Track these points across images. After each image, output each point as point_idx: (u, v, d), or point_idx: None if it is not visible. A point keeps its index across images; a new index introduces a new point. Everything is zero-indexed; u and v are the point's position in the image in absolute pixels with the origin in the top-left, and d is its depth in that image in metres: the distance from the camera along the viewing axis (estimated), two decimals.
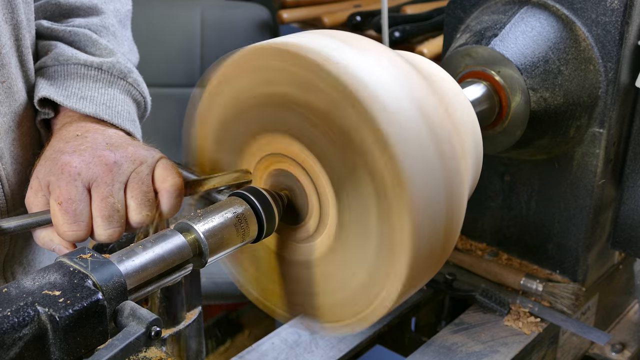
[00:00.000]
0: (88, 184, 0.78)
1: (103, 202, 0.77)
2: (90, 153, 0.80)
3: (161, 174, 0.80)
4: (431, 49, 2.12)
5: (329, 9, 2.50)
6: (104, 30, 0.99)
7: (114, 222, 0.78)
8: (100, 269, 0.64)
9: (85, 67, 0.91)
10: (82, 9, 0.99)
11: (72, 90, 0.90)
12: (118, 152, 0.81)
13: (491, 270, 1.22)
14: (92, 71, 0.91)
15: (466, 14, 1.16)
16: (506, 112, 1.07)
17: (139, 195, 0.79)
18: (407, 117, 0.71)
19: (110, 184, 0.78)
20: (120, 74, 0.93)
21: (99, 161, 0.79)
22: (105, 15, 1.01)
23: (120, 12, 1.04)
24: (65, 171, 0.78)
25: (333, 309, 0.83)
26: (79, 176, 0.78)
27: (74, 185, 0.77)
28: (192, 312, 0.93)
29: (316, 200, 0.79)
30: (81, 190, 0.78)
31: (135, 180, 0.79)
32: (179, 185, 0.80)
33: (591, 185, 1.13)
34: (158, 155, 0.83)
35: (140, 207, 0.78)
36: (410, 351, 1.10)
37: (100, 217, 0.77)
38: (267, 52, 0.76)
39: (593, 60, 1.06)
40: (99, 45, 0.95)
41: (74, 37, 0.95)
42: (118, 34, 1.01)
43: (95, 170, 0.78)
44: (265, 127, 0.80)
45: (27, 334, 0.59)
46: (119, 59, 0.94)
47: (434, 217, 0.73)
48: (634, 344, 1.30)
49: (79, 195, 0.77)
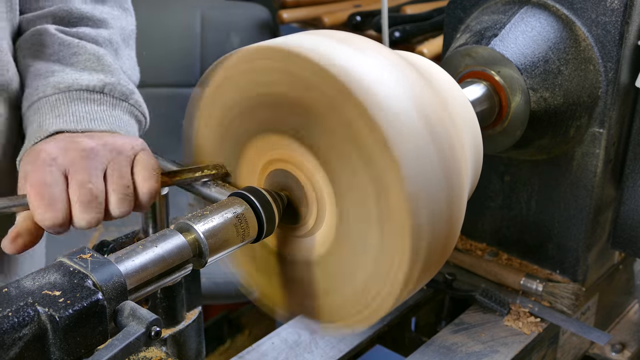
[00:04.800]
0: (64, 169, 0.77)
1: (82, 187, 0.76)
2: (66, 141, 0.80)
3: (140, 173, 0.80)
4: (431, 49, 2.12)
5: (329, 9, 2.50)
6: (109, 45, 0.98)
7: (93, 208, 0.76)
8: (100, 269, 0.64)
9: (87, 92, 0.90)
10: (92, 20, 0.99)
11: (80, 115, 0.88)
12: (94, 140, 0.81)
13: (491, 270, 1.22)
14: (95, 95, 0.90)
15: (466, 14, 1.16)
16: (506, 112, 1.07)
17: (121, 189, 0.78)
18: (407, 117, 0.71)
19: (87, 170, 0.77)
20: (122, 96, 0.92)
21: (75, 147, 0.79)
22: (113, 31, 1.00)
23: (126, 30, 1.04)
24: (40, 157, 0.78)
25: (333, 309, 0.83)
26: (54, 161, 0.77)
27: (49, 171, 0.76)
28: (192, 312, 0.93)
29: (316, 200, 0.79)
30: (57, 175, 0.76)
31: (115, 172, 0.79)
32: (157, 189, 0.80)
33: (591, 185, 1.13)
34: (139, 146, 0.83)
35: (121, 202, 0.78)
36: (410, 351, 1.10)
37: (79, 202, 0.75)
38: (267, 53, 0.76)
39: (593, 60, 1.06)
40: (104, 61, 0.94)
41: (80, 50, 0.94)
42: (120, 52, 1.01)
43: (71, 156, 0.78)
44: (265, 127, 0.80)
45: (27, 334, 0.59)
46: (121, 79, 0.94)
47: (434, 217, 0.73)
48: (634, 344, 1.30)
49: (54, 180, 0.76)
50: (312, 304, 0.84)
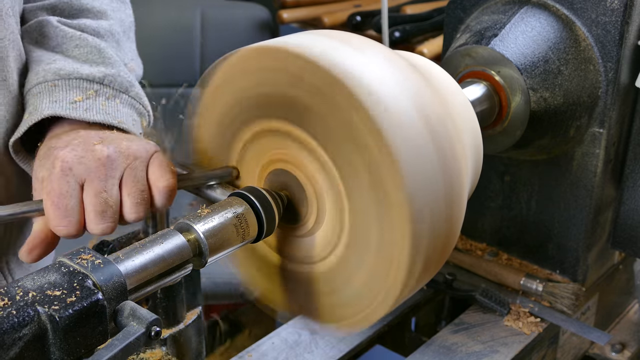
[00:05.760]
0: (81, 179, 0.78)
1: (96, 197, 0.77)
2: (82, 147, 0.80)
3: (155, 172, 0.80)
4: (431, 49, 2.12)
5: (329, 9, 2.50)
6: (111, 36, 0.99)
7: (107, 217, 0.77)
8: (100, 269, 0.64)
9: (87, 81, 0.90)
10: (92, 11, 0.99)
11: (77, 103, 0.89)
12: (111, 147, 0.80)
13: (491, 270, 1.22)
14: (95, 85, 0.90)
15: (466, 14, 1.16)
16: (506, 112, 1.07)
17: (136, 193, 0.79)
18: (407, 117, 0.71)
19: (103, 180, 0.78)
20: (121, 88, 0.92)
21: (91, 156, 0.79)
22: (114, 22, 1.01)
23: (125, 22, 1.04)
24: (57, 166, 0.78)
25: (333, 309, 0.83)
26: (70, 171, 0.78)
27: (66, 181, 0.77)
28: (192, 312, 0.93)
29: (316, 200, 0.79)
30: (73, 186, 0.77)
31: (130, 177, 0.79)
32: (173, 184, 0.80)
33: (591, 185, 1.13)
34: (152, 149, 0.83)
35: (137, 206, 0.79)
36: (410, 351, 1.10)
37: (94, 212, 0.77)
38: (267, 53, 0.76)
39: (593, 60, 1.06)
40: (105, 54, 0.94)
41: (82, 43, 0.95)
42: (122, 44, 1.01)
43: (88, 165, 0.78)
44: (265, 127, 0.80)
45: (27, 334, 0.59)
46: (121, 72, 0.94)
47: (434, 217, 0.73)
48: (634, 344, 1.30)
49: (70, 191, 0.77)
50: (312, 304, 0.84)
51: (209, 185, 0.85)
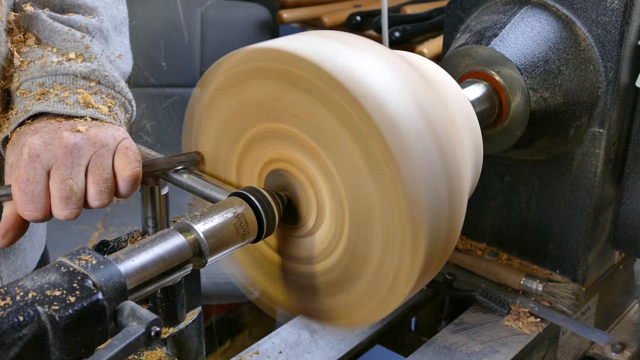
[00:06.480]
0: (47, 165, 0.80)
1: (62, 184, 0.80)
2: (51, 135, 0.82)
3: (121, 160, 0.82)
4: (431, 49, 2.12)
5: (329, 9, 2.50)
6: (99, 33, 1.00)
7: (72, 203, 0.80)
8: (100, 269, 0.64)
9: (74, 77, 0.92)
10: (82, 7, 1.00)
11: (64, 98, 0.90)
12: (79, 134, 0.83)
13: (491, 270, 1.22)
14: (81, 81, 0.92)
15: (466, 14, 1.16)
16: (506, 112, 1.07)
17: (100, 181, 0.81)
18: (408, 118, 0.71)
19: (69, 167, 0.80)
20: (107, 83, 0.94)
21: (59, 143, 0.81)
22: (103, 19, 1.02)
23: (117, 18, 1.05)
24: (24, 152, 0.81)
25: (333, 308, 0.83)
26: (37, 158, 0.80)
27: (33, 167, 0.80)
28: (192, 312, 0.93)
29: (316, 200, 0.79)
30: (40, 172, 0.80)
31: (96, 165, 0.82)
32: (137, 173, 0.82)
33: (591, 185, 1.13)
34: (121, 136, 0.85)
35: (101, 194, 0.81)
36: (410, 351, 1.10)
37: (59, 198, 0.80)
38: (267, 53, 0.76)
39: (593, 60, 1.06)
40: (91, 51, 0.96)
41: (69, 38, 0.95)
42: (110, 40, 1.02)
43: (55, 152, 0.81)
44: (265, 128, 0.80)
45: (27, 334, 0.59)
46: (107, 68, 0.95)
47: (435, 217, 0.73)
48: (634, 344, 1.30)
49: (37, 177, 0.80)
50: (312, 304, 0.84)
51: (176, 170, 0.86)
